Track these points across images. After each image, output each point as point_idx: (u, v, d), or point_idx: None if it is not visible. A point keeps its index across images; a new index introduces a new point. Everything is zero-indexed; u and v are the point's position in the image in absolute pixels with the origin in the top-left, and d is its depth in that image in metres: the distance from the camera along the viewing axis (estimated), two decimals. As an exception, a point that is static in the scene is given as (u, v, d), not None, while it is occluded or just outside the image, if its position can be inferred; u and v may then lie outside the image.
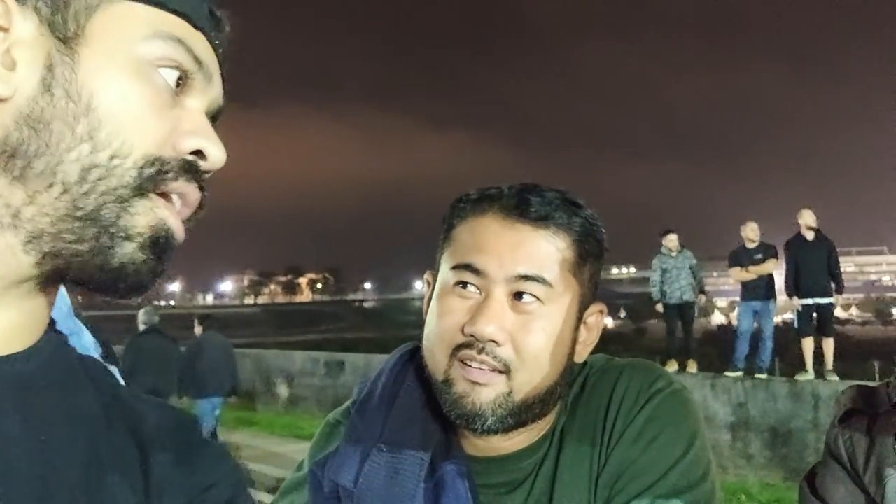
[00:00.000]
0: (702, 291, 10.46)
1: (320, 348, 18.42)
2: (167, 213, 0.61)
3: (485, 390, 1.01)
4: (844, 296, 9.58)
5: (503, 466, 1.08)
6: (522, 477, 1.08)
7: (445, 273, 1.08)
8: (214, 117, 0.68)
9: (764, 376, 9.67)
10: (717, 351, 13.73)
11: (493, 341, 1.00)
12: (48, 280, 0.61)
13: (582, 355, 1.10)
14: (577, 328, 1.08)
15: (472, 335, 1.00)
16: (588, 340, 1.11)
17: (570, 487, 1.03)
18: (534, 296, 1.02)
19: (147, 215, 0.60)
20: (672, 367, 10.10)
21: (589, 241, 1.07)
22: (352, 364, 13.89)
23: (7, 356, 0.60)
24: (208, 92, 0.66)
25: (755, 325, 9.96)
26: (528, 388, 1.02)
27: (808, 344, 9.50)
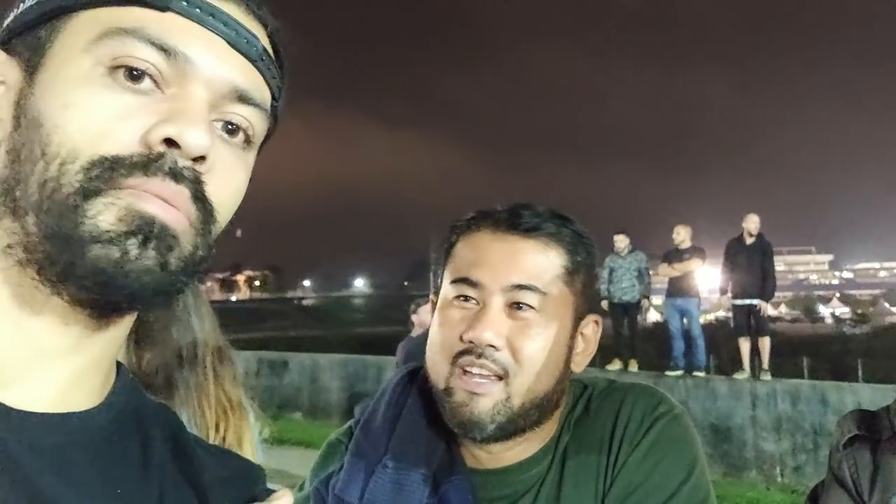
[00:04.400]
0: (646, 296, 10.62)
1: (266, 347, 18.13)
2: (135, 200, 0.55)
3: (483, 400, 1.04)
4: (764, 302, 9.82)
5: (504, 479, 1.11)
6: (524, 489, 1.11)
7: (446, 288, 1.12)
8: (244, 98, 0.62)
9: (703, 374, 9.92)
10: (653, 348, 13.97)
11: (492, 346, 1.04)
12: (90, 313, 0.59)
13: (580, 365, 1.15)
14: (572, 336, 1.12)
15: (470, 341, 1.04)
16: (586, 351, 1.16)
17: (577, 502, 1.07)
18: (528, 304, 1.06)
19: (109, 210, 0.55)
20: (616, 365, 10.28)
21: (579, 252, 1.11)
22: (297, 364, 13.75)
23: (84, 411, 0.60)
24: (191, 74, 0.59)
25: (685, 321, 10.19)
26: (526, 393, 1.05)
27: (744, 343, 9.77)
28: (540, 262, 1.08)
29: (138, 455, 0.63)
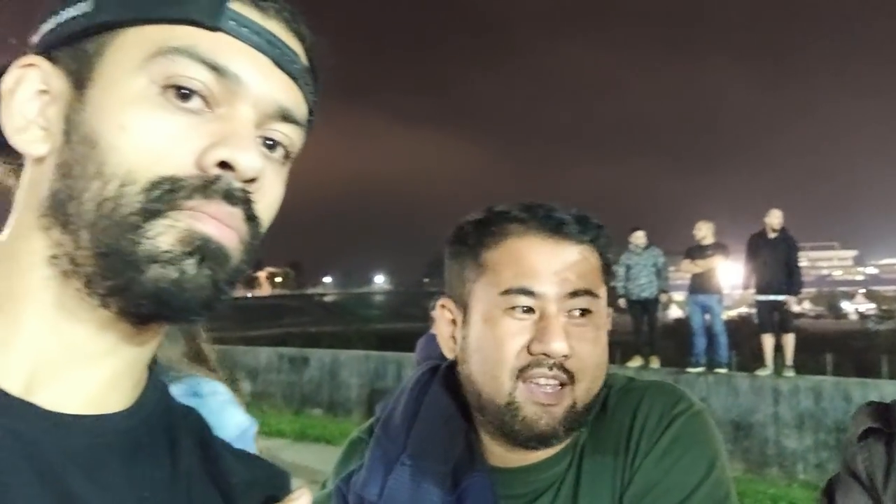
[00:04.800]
0: (663, 291, 10.57)
1: (284, 343, 18.23)
2: (194, 223, 0.58)
3: (556, 409, 1.05)
4: (793, 298, 9.75)
5: (525, 477, 1.11)
6: (543, 488, 1.11)
7: (492, 299, 1.09)
8: (286, 117, 0.63)
9: (724, 371, 9.86)
10: (675, 344, 13.90)
11: (565, 356, 1.04)
12: (133, 322, 0.60)
13: None
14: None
15: (543, 353, 1.04)
16: None
17: (594, 501, 1.07)
18: (586, 309, 1.08)
19: (169, 233, 0.57)
20: (637, 362, 10.24)
21: (608, 252, 1.15)
22: (317, 360, 13.80)
23: (115, 413, 0.61)
24: (241, 94, 0.60)
25: (707, 317, 10.14)
26: (587, 396, 1.08)
27: (767, 340, 9.70)
28: (590, 265, 1.10)
29: (167, 458, 0.64)
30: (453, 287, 1.15)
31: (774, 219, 9.58)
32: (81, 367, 0.60)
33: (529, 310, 1.07)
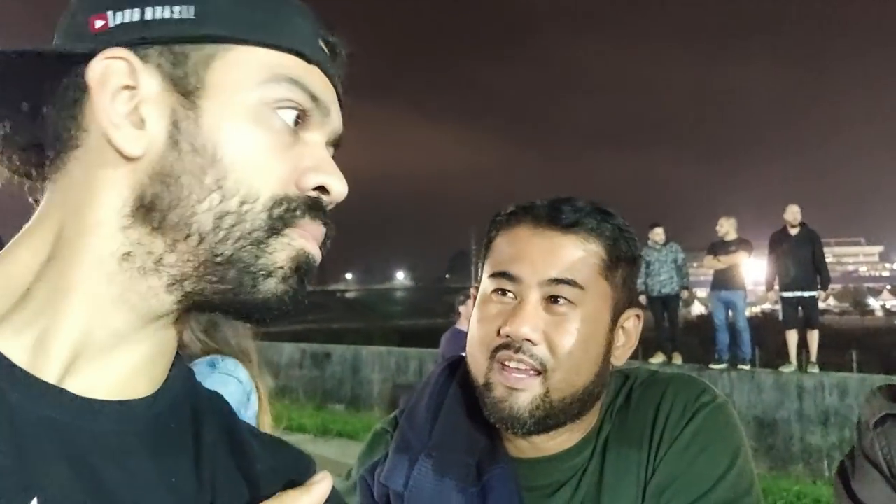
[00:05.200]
0: (684, 287, 10.51)
1: (307, 339, 18.33)
2: (304, 242, 0.63)
3: (522, 395, 1.05)
4: (824, 292, 9.68)
5: (546, 468, 1.12)
6: (565, 479, 1.11)
7: (484, 282, 1.12)
8: (336, 143, 0.69)
9: (747, 367, 9.79)
10: (698, 341, 13.81)
11: (529, 340, 1.04)
12: (184, 312, 0.64)
13: (620, 359, 1.15)
14: (611, 331, 1.12)
15: (508, 336, 1.05)
16: (627, 344, 1.15)
17: (618, 493, 1.07)
18: (566, 298, 1.06)
19: (285, 250, 0.62)
20: (659, 359, 10.20)
21: (619, 246, 1.11)
22: (339, 356, 13.88)
23: (142, 398, 0.62)
24: (326, 124, 0.66)
25: (730, 313, 10.07)
26: (565, 387, 1.05)
27: (791, 336, 9.61)
28: (578, 256, 1.08)
29: (192, 444, 0.65)
30: (478, 271, 1.18)
31: (791, 214, 9.51)
32: (119, 354, 0.61)
33: (510, 294, 1.09)
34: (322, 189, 0.64)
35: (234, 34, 0.61)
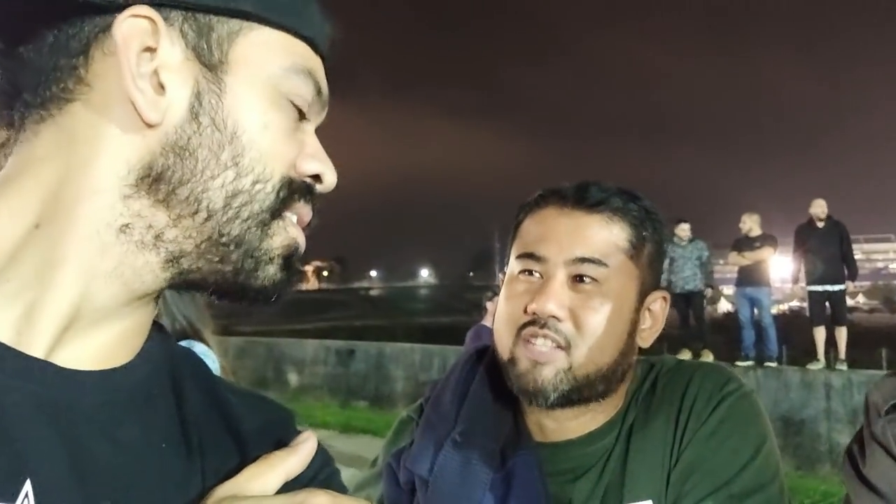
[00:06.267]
0: (708, 285, 10.42)
1: (330, 336, 18.44)
2: (296, 231, 0.64)
3: (546, 368, 1.06)
4: (852, 283, 9.56)
5: (570, 452, 1.13)
6: (590, 464, 1.11)
7: (512, 263, 1.14)
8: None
9: (774, 365, 9.70)
10: (724, 339, 13.69)
11: (554, 317, 1.06)
12: (171, 288, 0.63)
13: (647, 340, 1.16)
14: (637, 310, 1.12)
15: (534, 313, 1.06)
16: (653, 327, 1.17)
17: (642, 479, 1.07)
18: (591, 277, 1.08)
19: (281, 235, 0.62)
20: (685, 355, 10.12)
21: (645, 227, 1.12)
22: (363, 353, 13.94)
23: (125, 366, 0.61)
24: (320, 115, 0.67)
25: (755, 310, 9.98)
26: (589, 364, 1.07)
27: (819, 333, 9.51)
28: (603, 235, 1.09)
29: (176, 408, 0.64)
30: (506, 255, 1.19)
31: (818, 208, 9.42)
32: (103, 327, 0.60)
33: (536, 273, 1.10)
34: (315, 178, 0.65)
35: (262, 13, 0.60)
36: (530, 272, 1.11)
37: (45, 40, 0.57)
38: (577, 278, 1.08)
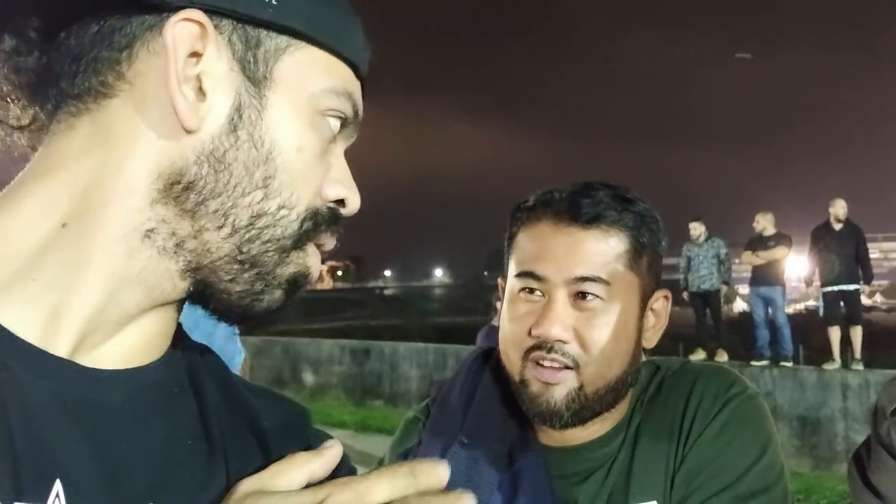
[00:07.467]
0: (725, 282, 10.37)
1: (346, 335, 18.47)
2: (314, 260, 0.63)
3: (557, 389, 1.07)
4: (867, 286, 9.49)
5: (576, 456, 1.14)
6: (595, 467, 1.13)
7: (511, 280, 1.14)
8: None
9: (790, 364, 9.64)
10: (740, 338, 13.59)
11: (560, 340, 1.06)
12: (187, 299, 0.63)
13: (652, 341, 1.17)
14: (641, 317, 1.13)
15: (539, 336, 1.07)
16: (657, 326, 1.17)
17: (646, 481, 1.08)
18: (594, 294, 1.07)
19: (296, 264, 0.62)
20: (700, 355, 10.06)
21: (642, 234, 1.11)
22: (378, 352, 13.95)
23: (147, 365, 0.61)
24: (352, 137, 0.66)
25: (769, 310, 9.92)
26: (598, 381, 1.07)
27: (834, 332, 9.43)
28: (602, 250, 1.08)
29: (197, 405, 0.64)
30: (504, 266, 1.20)
31: (839, 209, 9.34)
32: (128, 331, 0.59)
33: (537, 292, 1.10)
34: (340, 201, 0.64)
35: (312, 33, 0.60)
36: (531, 290, 1.11)
37: (88, 29, 0.56)
38: (580, 296, 1.08)
